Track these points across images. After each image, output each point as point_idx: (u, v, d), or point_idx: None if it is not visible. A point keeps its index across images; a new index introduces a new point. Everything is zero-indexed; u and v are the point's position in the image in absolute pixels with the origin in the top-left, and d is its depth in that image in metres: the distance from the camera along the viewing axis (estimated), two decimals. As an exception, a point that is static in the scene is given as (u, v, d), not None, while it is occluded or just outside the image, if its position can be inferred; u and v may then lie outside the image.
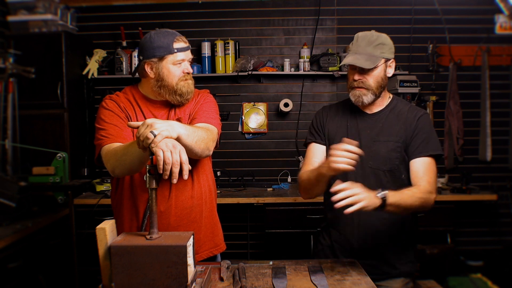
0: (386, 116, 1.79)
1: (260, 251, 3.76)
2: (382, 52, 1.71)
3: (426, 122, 1.77)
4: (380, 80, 1.73)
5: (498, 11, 3.56)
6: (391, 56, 1.76)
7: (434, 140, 1.74)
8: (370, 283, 1.50)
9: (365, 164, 1.75)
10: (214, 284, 1.48)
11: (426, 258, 3.14)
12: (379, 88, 1.74)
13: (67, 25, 3.52)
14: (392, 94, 1.88)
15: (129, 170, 1.56)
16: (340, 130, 1.84)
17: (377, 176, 1.74)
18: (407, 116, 1.77)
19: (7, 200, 2.60)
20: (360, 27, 3.75)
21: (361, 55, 1.71)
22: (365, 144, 1.76)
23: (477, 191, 3.43)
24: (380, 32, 1.77)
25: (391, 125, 1.77)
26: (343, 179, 1.80)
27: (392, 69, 1.79)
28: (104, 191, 3.33)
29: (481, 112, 3.74)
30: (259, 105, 3.79)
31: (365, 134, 1.79)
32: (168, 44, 1.66)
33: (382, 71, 1.74)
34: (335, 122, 1.87)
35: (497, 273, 3.30)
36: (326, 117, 1.90)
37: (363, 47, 1.71)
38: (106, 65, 3.66)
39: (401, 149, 1.74)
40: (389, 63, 1.77)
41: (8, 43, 3.25)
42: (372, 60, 1.69)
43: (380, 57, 1.71)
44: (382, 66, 1.73)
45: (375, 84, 1.73)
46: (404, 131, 1.74)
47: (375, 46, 1.71)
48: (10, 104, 3.13)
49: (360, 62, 1.69)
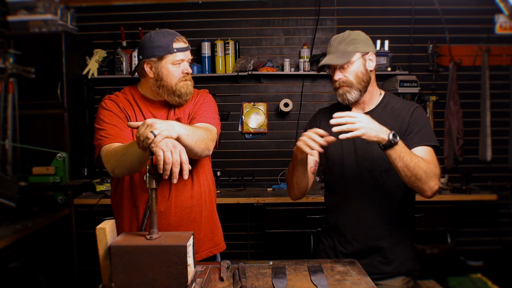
0: (379, 114, 1.77)
1: (260, 251, 3.76)
2: (356, 46, 1.70)
3: (420, 114, 1.74)
4: (360, 74, 1.72)
5: (498, 11, 3.56)
6: (368, 49, 1.74)
7: (428, 131, 1.70)
8: (370, 283, 1.50)
9: (361, 165, 1.76)
10: (214, 284, 1.48)
11: (426, 258, 3.14)
12: (361, 82, 1.73)
13: (67, 25, 3.52)
14: (383, 91, 1.87)
15: (129, 170, 1.56)
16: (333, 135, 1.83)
17: (374, 177, 1.74)
18: (401, 111, 1.76)
19: (7, 200, 2.60)
20: (360, 27, 3.74)
21: (333, 54, 1.71)
22: (359, 145, 1.76)
23: (477, 191, 3.43)
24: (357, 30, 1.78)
25: (385, 123, 1.71)
26: (340, 181, 1.81)
27: (373, 62, 1.76)
28: (104, 191, 3.33)
29: (481, 112, 3.74)
30: (259, 105, 3.79)
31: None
32: (167, 44, 1.66)
33: (361, 65, 1.72)
34: (328, 126, 1.86)
35: (497, 273, 3.30)
36: (320, 121, 1.91)
37: (336, 47, 1.72)
38: (106, 65, 3.66)
39: None
40: (368, 57, 1.75)
41: (8, 43, 3.25)
42: (345, 56, 1.69)
43: (354, 51, 1.70)
44: (359, 61, 1.72)
45: (355, 79, 1.72)
46: (398, 129, 1.71)
47: (347, 43, 1.71)
48: (10, 104, 3.13)
49: (332, 60, 1.70)
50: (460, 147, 3.71)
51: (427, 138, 1.69)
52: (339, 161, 1.80)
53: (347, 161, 1.78)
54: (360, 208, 1.77)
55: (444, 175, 3.60)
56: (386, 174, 1.73)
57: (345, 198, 1.81)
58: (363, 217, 1.77)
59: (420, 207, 3.22)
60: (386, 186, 1.74)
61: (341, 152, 1.80)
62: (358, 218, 1.77)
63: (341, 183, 1.82)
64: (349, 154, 1.79)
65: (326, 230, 1.92)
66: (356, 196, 1.78)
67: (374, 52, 1.78)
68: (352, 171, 1.78)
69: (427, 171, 1.55)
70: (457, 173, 3.63)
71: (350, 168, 1.78)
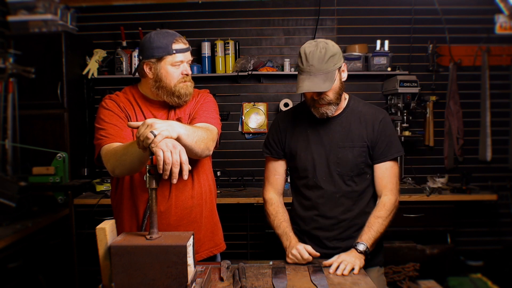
0: (347, 119, 1.82)
1: (260, 251, 3.76)
2: (335, 64, 1.69)
3: (388, 124, 1.82)
4: (338, 89, 1.74)
5: (498, 11, 3.56)
6: (342, 61, 1.74)
7: (395, 143, 1.82)
8: (370, 283, 1.50)
9: (332, 170, 1.80)
10: (214, 284, 1.48)
11: (426, 258, 3.14)
12: (339, 97, 1.76)
13: (67, 25, 3.52)
14: (348, 94, 1.88)
15: (129, 170, 1.56)
16: (301, 141, 1.85)
17: (345, 181, 1.80)
18: (369, 118, 1.80)
19: (7, 200, 2.60)
20: (360, 27, 3.79)
21: (317, 77, 1.67)
22: (329, 150, 1.80)
23: (477, 191, 3.43)
24: (322, 39, 1.74)
25: (353, 129, 1.80)
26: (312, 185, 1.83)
27: (345, 73, 1.78)
28: (104, 191, 3.33)
29: (481, 112, 3.74)
30: (259, 105, 3.79)
31: (328, 140, 1.81)
32: (167, 45, 1.65)
33: (338, 81, 1.73)
34: (295, 134, 1.88)
35: (497, 273, 3.30)
36: (285, 132, 1.90)
37: (317, 66, 1.66)
38: (106, 65, 3.66)
39: (366, 153, 1.79)
40: (341, 69, 1.75)
41: (8, 43, 3.25)
42: (329, 78, 1.67)
43: (334, 70, 1.69)
44: (337, 76, 1.72)
45: (335, 96, 1.74)
46: (366, 135, 1.79)
47: (327, 61, 1.67)
48: (10, 104, 3.13)
49: (319, 86, 1.66)
50: (460, 147, 3.71)
51: (395, 150, 1.81)
52: (311, 166, 1.83)
53: (319, 167, 1.82)
54: (333, 212, 1.82)
55: (444, 175, 3.61)
56: (357, 178, 1.81)
57: (317, 202, 1.83)
58: (337, 220, 1.82)
59: (420, 207, 3.22)
60: (357, 189, 1.82)
61: (312, 158, 1.82)
62: (332, 221, 1.82)
63: (313, 188, 1.84)
64: (320, 159, 1.81)
65: (295, 233, 1.87)
66: (329, 200, 1.81)
67: (345, 62, 1.79)
68: (324, 176, 1.82)
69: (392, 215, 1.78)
70: (457, 173, 3.63)
71: (322, 173, 1.81)
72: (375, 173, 1.82)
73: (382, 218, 1.75)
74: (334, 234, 1.83)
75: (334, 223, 1.82)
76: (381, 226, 1.74)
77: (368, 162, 1.81)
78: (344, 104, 1.84)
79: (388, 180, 1.80)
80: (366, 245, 1.69)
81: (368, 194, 1.84)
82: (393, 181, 1.81)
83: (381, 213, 1.76)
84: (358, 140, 1.79)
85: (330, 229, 1.83)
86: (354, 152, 1.78)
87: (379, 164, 1.80)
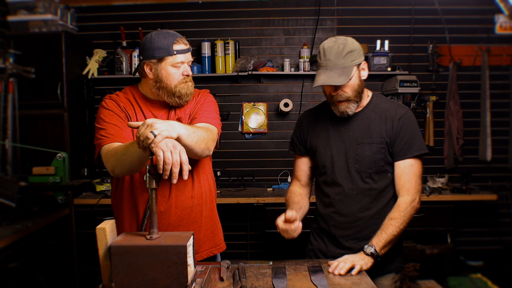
0: (368, 116, 1.79)
1: (260, 251, 3.76)
2: (353, 60, 1.69)
3: (409, 121, 1.76)
4: (356, 87, 1.72)
5: (498, 11, 3.56)
6: (362, 58, 1.73)
7: (417, 140, 1.75)
8: (370, 283, 1.50)
9: (350, 166, 1.78)
10: (214, 284, 1.48)
11: (426, 258, 3.14)
12: (358, 95, 1.74)
13: (67, 25, 3.52)
14: (371, 92, 1.87)
15: (129, 170, 1.55)
16: (322, 137, 1.85)
17: (363, 178, 1.77)
18: (389, 115, 1.76)
19: (7, 200, 2.60)
20: (360, 27, 3.78)
21: (333, 71, 1.67)
22: (349, 147, 1.78)
23: (477, 191, 3.43)
24: (344, 36, 1.75)
25: (373, 125, 1.77)
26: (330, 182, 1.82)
27: (365, 71, 1.76)
28: (104, 191, 3.33)
29: (481, 112, 3.74)
30: (259, 105, 3.79)
31: (348, 137, 1.79)
32: (167, 46, 1.65)
33: (357, 78, 1.72)
34: (316, 131, 1.88)
35: (497, 273, 3.30)
36: (307, 129, 1.91)
37: (334, 61, 1.67)
38: (106, 65, 3.66)
39: (385, 150, 1.75)
40: (361, 67, 1.74)
41: (8, 43, 3.25)
42: (346, 73, 1.67)
43: (352, 65, 1.68)
44: (356, 73, 1.71)
45: (353, 93, 1.72)
46: (386, 131, 1.75)
47: (345, 56, 1.67)
48: (10, 104, 3.12)
49: (334, 79, 1.67)
50: (460, 147, 3.71)
51: (416, 148, 1.74)
52: (330, 162, 1.82)
53: (337, 163, 1.80)
54: (350, 209, 1.79)
55: (444, 175, 3.61)
56: (376, 176, 1.76)
57: (336, 199, 1.82)
58: (354, 218, 1.79)
59: (420, 207, 3.22)
60: (376, 187, 1.77)
61: (331, 154, 1.81)
62: (348, 219, 1.79)
63: (331, 185, 1.83)
64: (339, 155, 1.80)
65: (316, 231, 1.92)
66: (346, 197, 1.79)
67: (365, 60, 1.78)
68: (342, 173, 1.79)
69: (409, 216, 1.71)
70: (457, 173, 3.63)
71: (340, 169, 1.80)
72: (395, 172, 1.76)
73: (395, 220, 1.68)
74: (350, 233, 1.79)
75: (351, 221, 1.78)
76: (394, 229, 1.67)
77: (388, 159, 1.76)
78: (367, 101, 1.82)
79: (407, 180, 1.73)
80: (375, 247, 1.64)
81: (388, 194, 1.79)
82: (412, 181, 1.73)
83: (394, 214, 1.70)
84: (377, 137, 1.75)
85: (346, 227, 1.80)
86: (372, 148, 1.74)
87: (398, 162, 1.74)
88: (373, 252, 1.63)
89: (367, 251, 1.64)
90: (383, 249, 1.66)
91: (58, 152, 3.13)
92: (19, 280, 2.50)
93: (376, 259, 1.64)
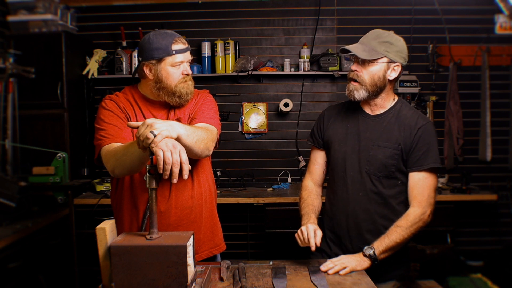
0: (388, 120, 1.76)
1: (260, 251, 3.76)
2: (387, 50, 1.68)
3: (428, 132, 1.72)
4: (376, 78, 1.69)
5: (498, 11, 3.56)
6: (398, 59, 1.70)
7: (432, 153, 1.71)
8: (370, 283, 1.50)
9: (362, 168, 1.76)
10: (214, 284, 1.48)
11: (426, 258, 3.14)
12: (373, 86, 1.70)
13: (67, 25, 3.51)
14: (398, 97, 1.84)
15: (129, 170, 1.56)
16: (340, 133, 1.84)
17: (372, 180, 1.75)
18: (409, 123, 1.73)
19: (7, 200, 2.60)
20: (360, 27, 3.78)
21: (362, 45, 1.69)
22: (363, 147, 1.76)
23: (477, 191, 3.43)
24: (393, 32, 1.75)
25: (391, 130, 1.74)
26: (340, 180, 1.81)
27: (396, 73, 1.72)
28: (104, 191, 3.33)
29: (481, 112, 3.74)
30: (259, 105, 3.79)
31: (364, 137, 1.78)
32: (166, 46, 1.64)
33: (382, 70, 1.69)
34: (335, 125, 1.87)
35: (497, 273, 3.30)
36: (327, 121, 1.90)
37: (369, 40, 1.70)
38: (106, 65, 3.66)
39: (398, 156, 1.72)
40: (393, 66, 1.71)
41: (8, 43, 3.25)
42: (371, 53, 1.66)
43: (382, 54, 1.67)
44: (383, 66, 1.69)
45: (369, 80, 1.69)
46: (403, 139, 1.72)
47: (381, 42, 1.68)
48: (10, 104, 3.12)
49: (357, 50, 1.67)
50: (460, 147, 3.71)
51: (431, 160, 1.71)
52: (342, 159, 1.81)
53: (349, 161, 1.79)
54: (355, 211, 1.78)
55: (444, 175, 3.61)
56: (386, 180, 1.74)
57: (342, 197, 1.81)
58: (358, 220, 1.77)
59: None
60: (384, 192, 1.75)
61: (345, 151, 1.80)
62: (353, 220, 1.78)
63: (341, 183, 1.82)
64: (353, 154, 1.78)
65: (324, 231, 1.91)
66: (353, 197, 1.78)
67: (403, 64, 1.74)
68: (353, 172, 1.78)
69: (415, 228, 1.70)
70: (457, 173, 3.63)
71: (351, 168, 1.78)
72: (409, 182, 1.74)
73: (401, 228, 1.67)
74: (353, 235, 1.78)
75: (353, 221, 1.77)
76: (398, 236, 1.66)
77: (400, 167, 1.73)
78: (390, 105, 1.79)
79: (419, 191, 1.70)
80: (375, 250, 1.63)
81: (395, 201, 1.76)
82: (425, 193, 1.70)
83: (401, 222, 1.68)
84: (392, 142, 1.73)
85: (348, 227, 1.79)
86: (385, 152, 1.72)
87: (413, 173, 1.72)
88: (372, 254, 1.63)
89: (366, 253, 1.64)
90: (383, 253, 1.65)
91: (58, 152, 3.13)
92: (19, 280, 2.50)
93: (373, 262, 1.63)
